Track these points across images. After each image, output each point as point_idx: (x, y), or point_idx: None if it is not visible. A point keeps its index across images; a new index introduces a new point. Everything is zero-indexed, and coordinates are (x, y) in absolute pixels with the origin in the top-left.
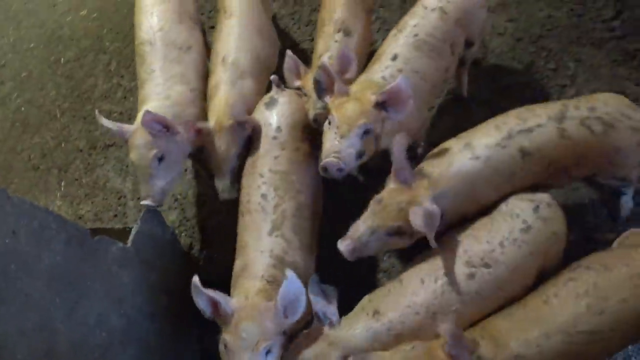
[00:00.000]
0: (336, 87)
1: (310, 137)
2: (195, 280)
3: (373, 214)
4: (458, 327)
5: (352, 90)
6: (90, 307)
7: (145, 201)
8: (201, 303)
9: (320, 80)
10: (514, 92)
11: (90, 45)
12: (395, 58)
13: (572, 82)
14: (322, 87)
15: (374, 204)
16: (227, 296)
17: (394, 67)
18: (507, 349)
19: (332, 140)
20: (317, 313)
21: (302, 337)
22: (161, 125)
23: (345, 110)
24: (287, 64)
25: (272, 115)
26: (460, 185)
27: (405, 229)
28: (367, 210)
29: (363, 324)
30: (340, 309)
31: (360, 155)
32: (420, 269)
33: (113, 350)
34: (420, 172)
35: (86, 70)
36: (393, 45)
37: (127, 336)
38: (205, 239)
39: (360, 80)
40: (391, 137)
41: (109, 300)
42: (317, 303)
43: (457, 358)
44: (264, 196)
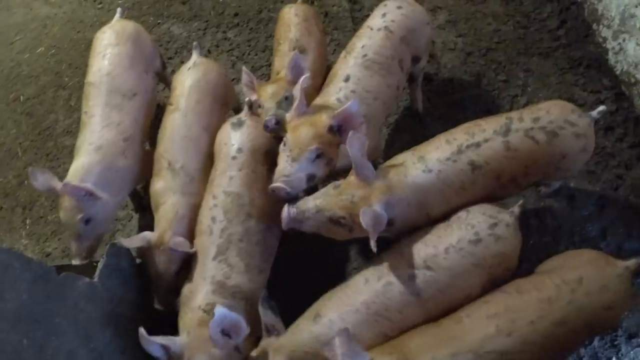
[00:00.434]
0: (295, 106)
1: (271, 163)
2: (141, 331)
3: (326, 195)
4: (353, 342)
5: (308, 113)
6: (59, 344)
7: (75, 260)
8: (154, 351)
9: (289, 96)
10: (468, 104)
11: (49, 81)
12: (347, 79)
13: (523, 92)
14: (289, 102)
15: (331, 187)
16: (173, 337)
17: (347, 88)
18: None
19: (284, 162)
20: (266, 325)
21: (255, 350)
22: (84, 192)
23: (299, 133)
24: (243, 80)
25: (236, 135)
26: (413, 196)
27: (346, 222)
28: (322, 190)
29: (305, 328)
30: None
31: (311, 178)
32: (367, 270)
33: None
34: (380, 175)
35: (47, 107)
36: (344, 67)
37: None
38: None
39: (317, 102)
40: (348, 157)
41: (78, 336)
42: (265, 316)
43: None
44: (213, 219)
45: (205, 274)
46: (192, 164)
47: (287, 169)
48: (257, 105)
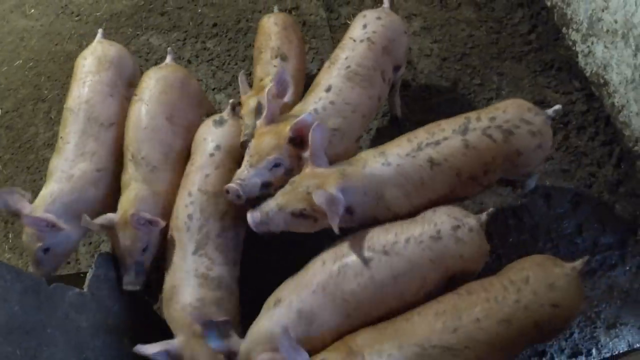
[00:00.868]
0: (264, 115)
1: None
2: (138, 347)
3: (284, 193)
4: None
5: (278, 121)
6: (50, 355)
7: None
8: (158, 358)
9: (262, 104)
10: (444, 109)
11: (28, 94)
12: (329, 89)
13: (498, 95)
14: (261, 111)
15: (288, 185)
16: (170, 341)
17: (327, 99)
18: (359, 357)
19: (243, 167)
20: (222, 352)
21: None
22: (45, 223)
23: (262, 141)
24: (241, 87)
25: (216, 132)
26: (370, 185)
27: (308, 213)
28: (281, 189)
29: (266, 317)
30: None
31: (267, 185)
32: (325, 252)
33: None
34: (335, 167)
35: (26, 120)
36: (327, 77)
37: None
38: (160, 278)
39: (295, 110)
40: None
41: (69, 346)
42: (216, 346)
43: None
44: (189, 216)
45: (187, 268)
46: (155, 154)
47: (244, 173)
48: (239, 110)
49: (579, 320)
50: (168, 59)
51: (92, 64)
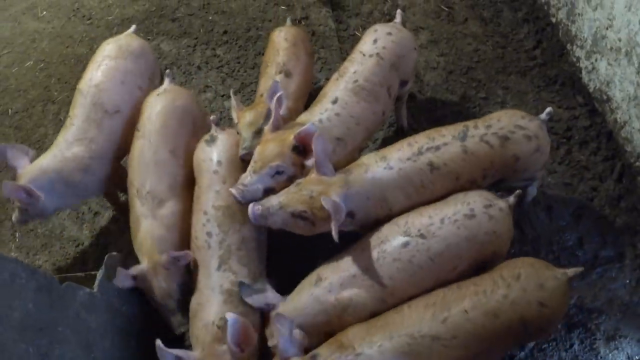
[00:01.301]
0: (270, 122)
1: None
2: (158, 343)
3: (287, 192)
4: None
5: (283, 129)
6: (61, 353)
7: (15, 221)
8: None
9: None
10: (449, 121)
11: (38, 95)
12: (335, 101)
13: (502, 108)
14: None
15: (293, 186)
16: (188, 352)
17: (332, 111)
18: (350, 349)
19: (247, 172)
20: (260, 308)
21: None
22: (24, 192)
23: (266, 148)
24: (232, 104)
25: (212, 151)
26: (373, 190)
27: (308, 216)
28: (286, 189)
29: (305, 291)
30: None
31: (269, 191)
32: (364, 238)
33: None
34: (339, 174)
35: (35, 121)
36: (334, 89)
37: None
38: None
39: (301, 118)
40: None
41: (79, 345)
42: (254, 301)
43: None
44: (209, 234)
45: (213, 284)
46: (160, 187)
47: (247, 179)
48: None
49: (579, 332)
50: (166, 82)
51: (112, 50)
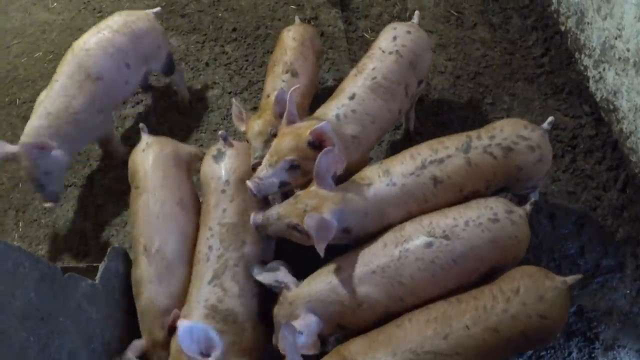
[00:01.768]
0: (285, 115)
1: None
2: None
3: (287, 203)
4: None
5: (300, 123)
6: (62, 343)
7: (48, 204)
8: None
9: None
10: (455, 125)
11: (46, 86)
12: (352, 97)
13: (508, 115)
14: (278, 112)
15: (293, 197)
16: None
17: (349, 107)
18: None
19: (263, 165)
20: (271, 286)
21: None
22: (38, 147)
23: (281, 142)
24: (233, 111)
25: (220, 168)
26: (374, 207)
27: (301, 229)
28: (288, 199)
29: (323, 278)
30: None
31: (284, 185)
32: (387, 235)
33: None
34: (339, 188)
35: None
36: (352, 85)
37: None
38: None
39: (317, 113)
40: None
41: (79, 336)
42: (265, 279)
43: None
44: (210, 247)
45: (200, 298)
46: (169, 244)
47: (263, 172)
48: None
49: (578, 340)
50: (144, 137)
51: (117, 22)
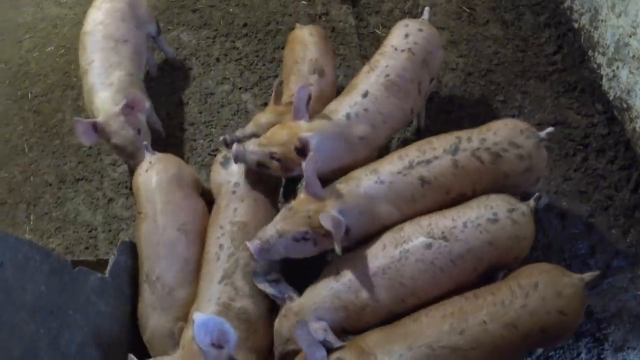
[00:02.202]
0: (293, 109)
1: (269, 187)
2: (131, 357)
3: (283, 219)
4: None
5: (303, 122)
6: (71, 336)
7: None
8: None
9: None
10: (466, 122)
11: (57, 80)
12: (365, 95)
13: (520, 113)
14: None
15: (285, 211)
16: (165, 357)
17: (362, 105)
18: (372, 357)
19: (257, 140)
20: (274, 296)
21: (277, 319)
22: (130, 107)
23: (277, 132)
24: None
25: (228, 173)
26: (366, 205)
27: (310, 236)
28: (277, 216)
29: (325, 285)
30: None
31: (260, 165)
32: (386, 236)
33: None
34: (330, 189)
35: (54, 106)
36: (365, 82)
37: None
38: None
39: (329, 107)
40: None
41: (88, 329)
42: (267, 289)
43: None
44: (220, 246)
45: (211, 296)
46: (170, 272)
47: (250, 145)
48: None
49: (587, 341)
50: (147, 156)
51: None
